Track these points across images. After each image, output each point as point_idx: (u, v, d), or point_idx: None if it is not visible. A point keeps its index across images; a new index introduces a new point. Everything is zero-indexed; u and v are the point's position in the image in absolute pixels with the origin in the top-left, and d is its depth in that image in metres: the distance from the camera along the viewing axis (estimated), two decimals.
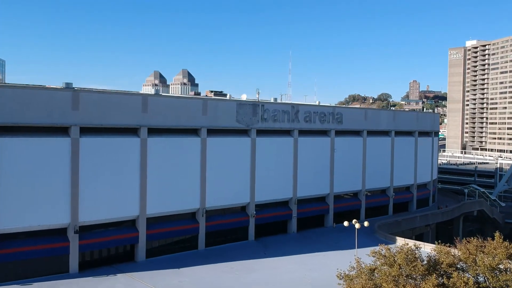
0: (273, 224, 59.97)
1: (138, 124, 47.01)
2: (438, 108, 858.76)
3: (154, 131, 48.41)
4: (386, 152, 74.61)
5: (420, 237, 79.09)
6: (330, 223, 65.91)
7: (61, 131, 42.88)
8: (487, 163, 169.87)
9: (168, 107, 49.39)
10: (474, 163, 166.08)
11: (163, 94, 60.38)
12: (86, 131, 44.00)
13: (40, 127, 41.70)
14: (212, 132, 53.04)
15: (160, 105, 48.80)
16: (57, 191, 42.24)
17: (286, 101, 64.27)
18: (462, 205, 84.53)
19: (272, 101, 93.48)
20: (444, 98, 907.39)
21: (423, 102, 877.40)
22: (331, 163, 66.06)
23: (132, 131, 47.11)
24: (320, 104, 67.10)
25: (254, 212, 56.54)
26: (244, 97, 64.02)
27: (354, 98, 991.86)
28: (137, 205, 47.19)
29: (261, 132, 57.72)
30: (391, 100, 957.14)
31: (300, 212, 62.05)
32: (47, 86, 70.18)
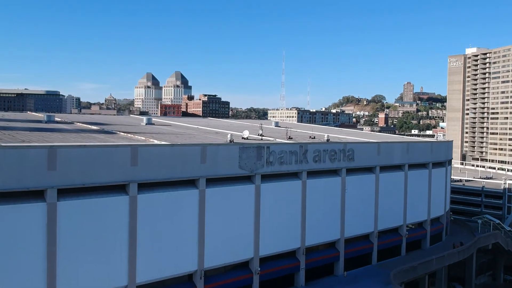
0: (279, 278, 53.61)
1: (126, 180, 40.43)
2: (432, 110, 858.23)
3: (145, 186, 41.89)
4: (399, 187, 68.61)
5: (433, 274, 73.58)
6: (340, 271, 59.67)
7: (35, 195, 36.22)
8: (491, 177, 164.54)
9: (162, 157, 42.79)
10: (478, 177, 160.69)
11: (155, 143, 53.61)
12: (65, 192, 37.38)
13: (8, 193, 35.01)
14: (211, 181, 46.59)
15: (152, 155, 42.19)
16: (28, 267, 35.60)
17: (292, 138, 57.71)
18: (477, 240, 78.81)
19: (272, 126, 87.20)
20: (438, 100, 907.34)
21: (417, 104, 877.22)
22: (341, 204, 59.88)
23: (119, 188, 40.51)
24: (330, 141, 60.78)
25: (259, 269, 50.14)
26: (246, 134, 57.59)
27: (348, 100, 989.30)
28: (125, 273, 40.61)
29: (266, 177, 51.36)
30: (385, 101, 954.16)
31: (309, 262, 55.80)
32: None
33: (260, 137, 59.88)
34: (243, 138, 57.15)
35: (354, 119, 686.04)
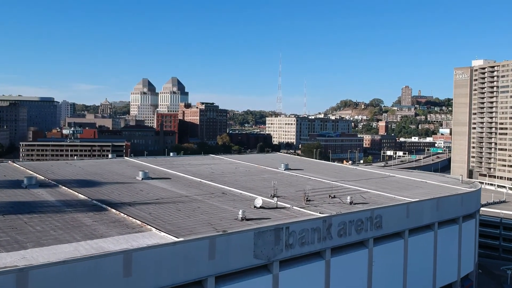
0: None
1: None
2: (431, 114, 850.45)
3: None
4: (428, 249, 60.85)
5: None
6: None
7: None
8: (505, 200, 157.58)
9: (161, 261, 34.74)
10: (491, 201, 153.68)
11: (153, 245, 45.03)
12: None
13: None
14: (221, 278, 38.61)
15: (150, 260, 34.12)
16: None
17: (317, 215, 49.83)
18: None
19: (282, 169, 79.15)
20: (436, 103, 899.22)
21: (415, 108, 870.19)
22: (368, 279, 52.05)
23: None
24: (355, 206, 52.96)
25: None
26: (259, 202, 49.65)
27: (345, 104, 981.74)
28: None
29: (284, 262, 43.43)
30: (383, 105, 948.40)
31: None
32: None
33: (275, 202, 51.92)
34: (255, 207, 49.41)
35: (352, 124, 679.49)
